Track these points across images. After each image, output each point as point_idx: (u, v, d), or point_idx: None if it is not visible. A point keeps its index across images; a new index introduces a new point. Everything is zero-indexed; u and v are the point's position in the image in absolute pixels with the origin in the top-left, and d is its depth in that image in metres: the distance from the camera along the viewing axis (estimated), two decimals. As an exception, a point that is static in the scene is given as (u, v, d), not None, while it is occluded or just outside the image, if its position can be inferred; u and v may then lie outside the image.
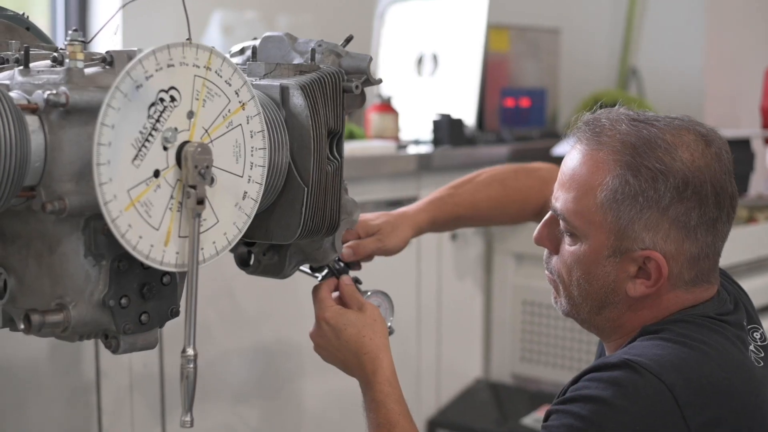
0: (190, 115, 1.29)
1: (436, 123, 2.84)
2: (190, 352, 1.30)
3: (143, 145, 1.25)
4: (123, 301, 1.32)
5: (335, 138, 1.53)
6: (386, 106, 2.76)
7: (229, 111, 1.34)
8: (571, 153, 1.52)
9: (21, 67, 1.34)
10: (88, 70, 1.29)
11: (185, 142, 1.29)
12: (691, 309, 1.48)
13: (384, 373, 1.59)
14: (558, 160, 2.95)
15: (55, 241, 1.29)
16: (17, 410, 1.89)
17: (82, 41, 1.29)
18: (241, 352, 2.29)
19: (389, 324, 1.71)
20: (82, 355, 1.99)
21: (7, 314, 1.38)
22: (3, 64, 1.46)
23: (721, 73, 3.53)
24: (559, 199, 1.50)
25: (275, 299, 2.31)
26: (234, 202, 1.35)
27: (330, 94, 1.52)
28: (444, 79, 3.11)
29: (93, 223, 1.29)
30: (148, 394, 2.10)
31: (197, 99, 1.30)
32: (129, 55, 1.31)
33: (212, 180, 1.31)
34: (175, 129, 1.27)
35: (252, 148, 1.37)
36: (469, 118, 3.01)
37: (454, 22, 3.13)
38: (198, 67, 1.30)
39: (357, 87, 1.55)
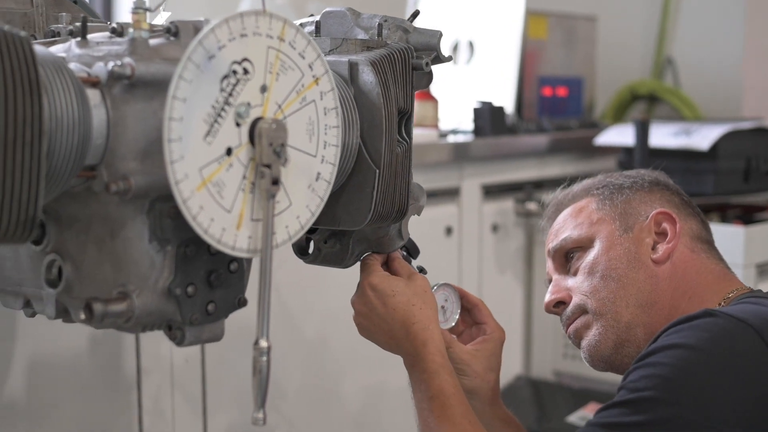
0: (263, 89, 1.20)
1: (477, 111, 2.75)
2: (263, 344, 1.21)
3: (215, 121, 1.16)
4: (189, 289, 1.23)
5: (404, 118, 1.45)
6: (426, 94, 2.67)
7: (302, 86, 1.25)
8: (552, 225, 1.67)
9: (78, 39, 1.25)
10: (152, 41, 1.20)
11: (258, 118, 1.19)
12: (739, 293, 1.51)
13: (435, 344, 1.47)
14: (600, 150, 2.87)
15: (118, 224, 1.20)
16: (56, 409, 1.81)
17: (147, 9, 1.20)
18: (282, 347, 2.20)
19: (455, 319, 1.62)
20: (123, 351, 1.90)
21: (60, 304, 1.29)
22: (54, 36, 1.37)
23: (760, 63, 3.44)
24: (557, 239, 1.62)
25: (318, 294, 2.23)
26: (307, 184, 1.26)
27: (400, 71, 1.43)
28: (480, 67, 3.02)
29: (158, 205, 1.20)
30: (189, 391, 2.01)
31: (270, 72, 1.21)
32: (195, 26, 1.22)
33: (285, 159, 1.22)
34: (248, 104, 1.18)
35: (326, 126, 1.28)
36: (508, 107, 2.92)
37: (490, 9, 3.04)
38: (271, 37, 1.20)
39: (427, 64, 1.47)
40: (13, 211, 1.07)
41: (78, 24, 1.34)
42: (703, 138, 2.60)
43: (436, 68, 1.49)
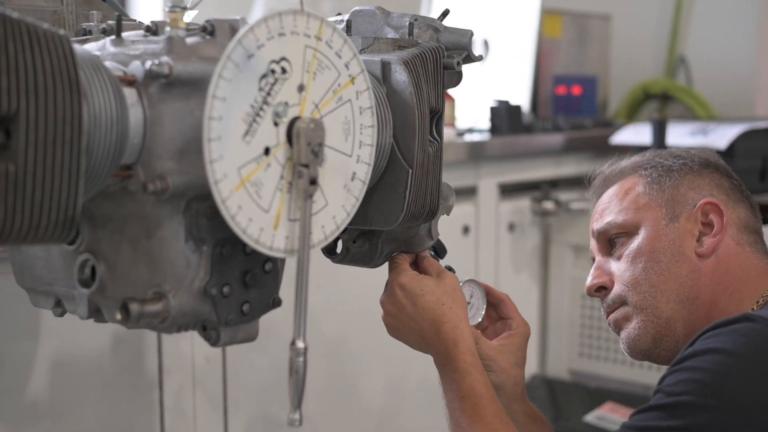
0: (301, 88, 1.19)
1: (493, 110, 2.74)
2: (300, 344, 1.20)
3: (254, 120, 1.15)
4: (225, 289, 1.22)
5: (435, 117, 1.44)
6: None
7: (339, 85, 1.24)
8: (597, 202, 1.66)
9: (113, 37, 1.24)
10: (188, 40, 1.20)
11: (296, 118, 1.19)
12: None
13: (466, 343, 1.46)
14: (617, 149, 2.86)
15: (154, 224, 1.19)
16: (79, 408, 1.80)
17: (184, 8, 1.19)
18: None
19: (481, 316, 1.61)
20: (145, 351, 1.89)
21: (93, 304, 1.29)
22: (86, 35, 1.37)
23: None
24: (602, 220, 1.60)
25: (338, 293, 2.22)
26: (343, 184, 1.26)
27: (431, 70, 1.42)
28: (495, 65, 3.01)
29: (195, 205, 1.19)
30: (210, 390, 2.00)
31: (308, 71, 1.20)
32: (231, 25, 1.22)
33: (323, 159, 1.21)
34: (286, 103, 1.18)
35: (361, 125, 1.27)
36: (524, 106, 2.91)
37: (505, 7, 3.03)
38: (309, 37, 1.20)
39: (458, 63, 1.46)
40: (53, 210, 1.06)
41: (111, 22, 1.33)
42: (721, 137, 2.59)
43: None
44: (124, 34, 1.24)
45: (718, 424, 1.25)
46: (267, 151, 1.16)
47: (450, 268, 1.56)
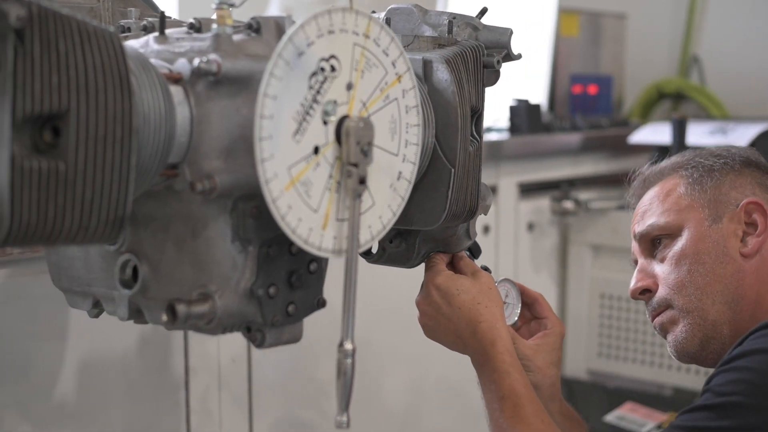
0: (349, 86, 1.18)
1: (513, 109, 2.73)
2: (348, 346, 1.18)
3: (304, 119, 1.13)
4: (271, 290, 1.20)
5: (475, 116, 1.42)
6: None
7: (386, 84, 1.22)
8: (638, 203, 1.64)
9: (156, 34, 1.23)
10: (234, 38, 1.18)
11: (345, 117, 1.17)
12: None
13: (504, 343, 1.44)
14: (633, 148, 2.84)
15: (200, 224, 1.18)
16: (105, 409, 1.78)
17: (232, 5, 1.17)
18: (325, 346, 2.18)
19: (516, 315, 1.60)
20: (172, 351, 1.88)
21: (134, 305, 1.27)
22: (125, 32, 1.35)
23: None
24: (644, 222, 1.59)
25: (360, 293, 2.20)
26: (389, 183, 1.24)
27: (472, 69, 1.41)
28: (513, 64, 2.99)
29: (241, 204, 1.18)
30: (235, 391, 1.99)
31: (356, 69, 1.18)
32: (277, 22, 1.20)
33: (371, 159, 1.20)
34: (335, 102, 1.16)
35: (407, 124, 1.26)
36: (542, 105, 2.90)
37: (523, 6, 3.02)
38: (357, 34, 1.18)
39: (498, 62, 1.45)
40: (102, 210, 1.05)
41: (151, 19, 1.32)
42: (740, 137, 2.58)
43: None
44: (167, 31, 1.23)
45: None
46: (316, 150, 1.15)
47: (486, 268, 1.55)
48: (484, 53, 1.43)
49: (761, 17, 3.35)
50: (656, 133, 2.78)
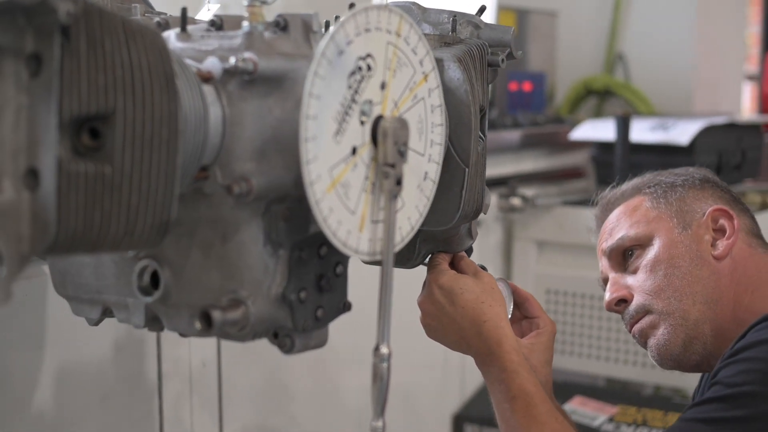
0: (383, 86, 1.16)
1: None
2: (384, 350, 1.16)
3: (343, 119, 1.11)
4: (302, 294, 1.17)
5: (482, 115, 1.41)
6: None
7: (414, 83, 1.20)
8: (603, 224, 1.68)
9: (177, 31, 1.19)
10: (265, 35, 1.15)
11: (379, 117, 1.15)
12: None
13: (510, 342, 1.43)
14: (571, 145, 2.87)
15: (231, 228, 1.14)
16: (79, 420, 1.72)
17: (264, 2, 1.14)
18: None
19: (509, 313, 1.59)
20: (145, 358, 1.82)
21: (150, 313, 1.23)
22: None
23: (711, 58, 3.51)
24: (613, 237, 1.64)
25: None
26: (416, 184, 1.22)
27: (479, 68, 1.40)
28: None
29: (273, 207, 1.14)
30: (206, 396, 1.94)
31: (389, 69, 1.16)
32: (303, 20, 1.17)
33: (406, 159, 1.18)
34: (370, 102, 1.14)
35: (432, 124, 1.24)
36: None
37: (461, 3, 3.02)
38: (390, 33, 1.16)
39: (503, 61, 1.44)
40: (149, 215, 1.01)
41: (164, 16, 1.27)
42: (682, 133, 2.63)
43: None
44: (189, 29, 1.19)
45: None
46: (354, 150, 1.12)
47: (483, 267, 1.54)
48: (488, 52, 1.42)
49: (684, 14, 3.42)
50: (597, 129, 2.82)
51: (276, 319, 1.17)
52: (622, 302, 1.60)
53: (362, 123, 1.13)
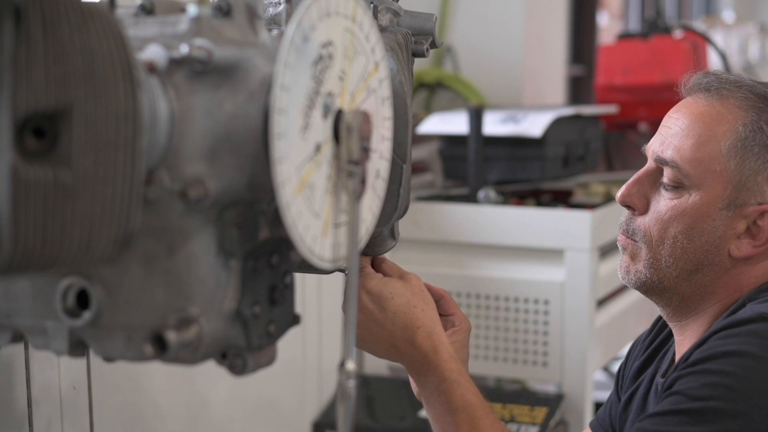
0: (342, 76, 1.05)
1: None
2: (350, 366, 1.06)
3: (308, 113, 1.00)
4: (256, 309, 1.06)
5: (408, 108, 1.33)
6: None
7: (367, 73, 1.11)
8: (688, 102, 1.43)
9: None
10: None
11: (340, 110, 1.05)
12: None
13: (447, 349, 1.35)
14: (424, 138, 2.80)
15: (179, 238, 1.01)
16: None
17: (210, -17, 1.02)
18: (158, 367, 2.00)
19: None
20: (14, 383, 1.65)
21: (75, 336, 1.08)
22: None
23: (540, 49, 3.54)
24: (671, 147, 1.41)
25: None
26: (370, 183, 1.12)
27: (405, 57, 1.31)
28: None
29: (226, 213, 1.02)
30: (77, 421, 1.77)
31: (346, 57, 1.06)
32: (247, 3, 1.06)
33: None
34: (332, 94, 1.03)
35: (382, 117, 1.15)
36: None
37: None
38: (347, 18, 1.06)
39: (428, 50, 1.36)
40: (112, 226, 0.88)
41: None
42: (533, 125, 2.62)
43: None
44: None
45: (747, 430, 1.21)
46: (318, 147, 1.02)
47: None
48: (412, 41, 1.34)
49: (512, 6, 3.43)
50: (446, 122, 2.77)
51: (229, 337, 1.05)
52: (632, 208, 1.45)
53: (325, 117, 1.02)
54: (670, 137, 1.42)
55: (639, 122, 3.15)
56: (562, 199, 2.87)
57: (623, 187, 1.45)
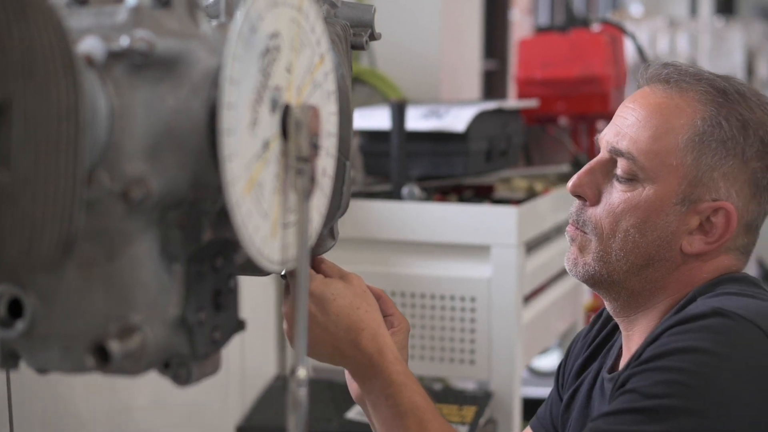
0: (288, 69, 1.01)
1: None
2: (302, 373, 1.02)
3: (255, 108, 0.95)
4: (201, 315, 1.00)
5: (347, 103, 1.29)
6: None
7: (313, 65, 1.06)
8: (646, 92, 1.40)
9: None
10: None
11: (287, 105, 1.00)
12: (731, 275, 1.40)
13: (392, 351, 1.32)
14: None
15: (120, 241, 0.95)
16: None
17: (149, -29, 0.96)
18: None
19: None
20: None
21: (6, 348, 1.01)
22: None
23: (456, 43, 3.52)
24: (626, 138, 1.37)
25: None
26: (317, 181, 1.08)
27: (344, 50, 1.27)
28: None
29: (170, 213, 0.97)
30: (-3, 432, 1.70)
31: (293, 50, 1.01)
32: (187, -8, 1.00)
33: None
34: (279, 88, 0.99)
35: (328, 112, 1.10)
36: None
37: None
38: (293, 8, 1.01)
39: (367, 42, 1.32)
40: (54, 230, 0.82)
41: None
42: (457, 120, 2.59)
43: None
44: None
45: (704, 427, 1.19)
46: (266, 144, 0.97)
47: None
48: (351, 33, 1.30)
49: (431, 2, 3.41)
50: (365, 118, 2.73)
51: (172, 346, 0.99)
52: (582, 198, 1.42)
53: (272, 112, 0.98)
54: (626, 128, 1.39)
55: (559, 116, 3.15)
56: (484, 194, 2.85)
57: (575, 177, 1.42)
